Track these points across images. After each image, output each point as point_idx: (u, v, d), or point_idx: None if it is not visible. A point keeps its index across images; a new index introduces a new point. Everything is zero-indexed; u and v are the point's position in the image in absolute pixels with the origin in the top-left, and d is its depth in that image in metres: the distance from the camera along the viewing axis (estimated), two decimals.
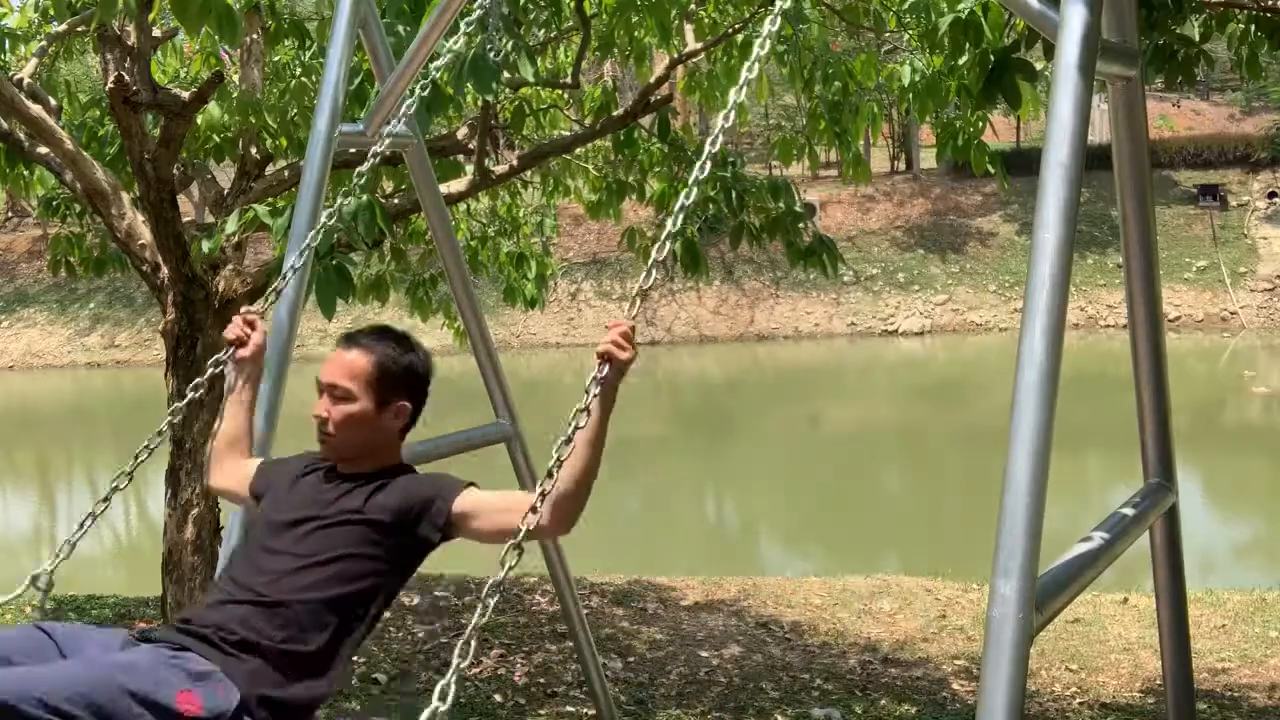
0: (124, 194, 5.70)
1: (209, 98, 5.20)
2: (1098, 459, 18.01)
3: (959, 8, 4.33)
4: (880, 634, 8.01)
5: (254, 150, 6.15)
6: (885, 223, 38.15)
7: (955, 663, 7.33)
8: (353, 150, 4.58)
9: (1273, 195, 36.90)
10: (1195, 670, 4.10)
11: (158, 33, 6.36)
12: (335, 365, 2.67)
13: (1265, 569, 11.59)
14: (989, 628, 2.18)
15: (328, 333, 17.84)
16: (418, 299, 7.92)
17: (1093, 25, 2.53)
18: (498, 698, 6.40)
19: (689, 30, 6.72)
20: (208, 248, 5.15)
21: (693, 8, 6.43)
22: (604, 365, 2.39)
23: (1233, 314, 34.03)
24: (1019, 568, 2.18)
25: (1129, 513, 2.99)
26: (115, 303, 37.58)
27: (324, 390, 2.66)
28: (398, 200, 6.37)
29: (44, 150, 5.81)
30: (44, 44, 6.95)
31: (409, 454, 2.81)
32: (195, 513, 5.90)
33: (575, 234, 35.03)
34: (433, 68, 3.43)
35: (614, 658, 7.16)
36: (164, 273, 5.67)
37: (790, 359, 33.28)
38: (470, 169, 6.46)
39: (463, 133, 6.57)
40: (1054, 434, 2.27)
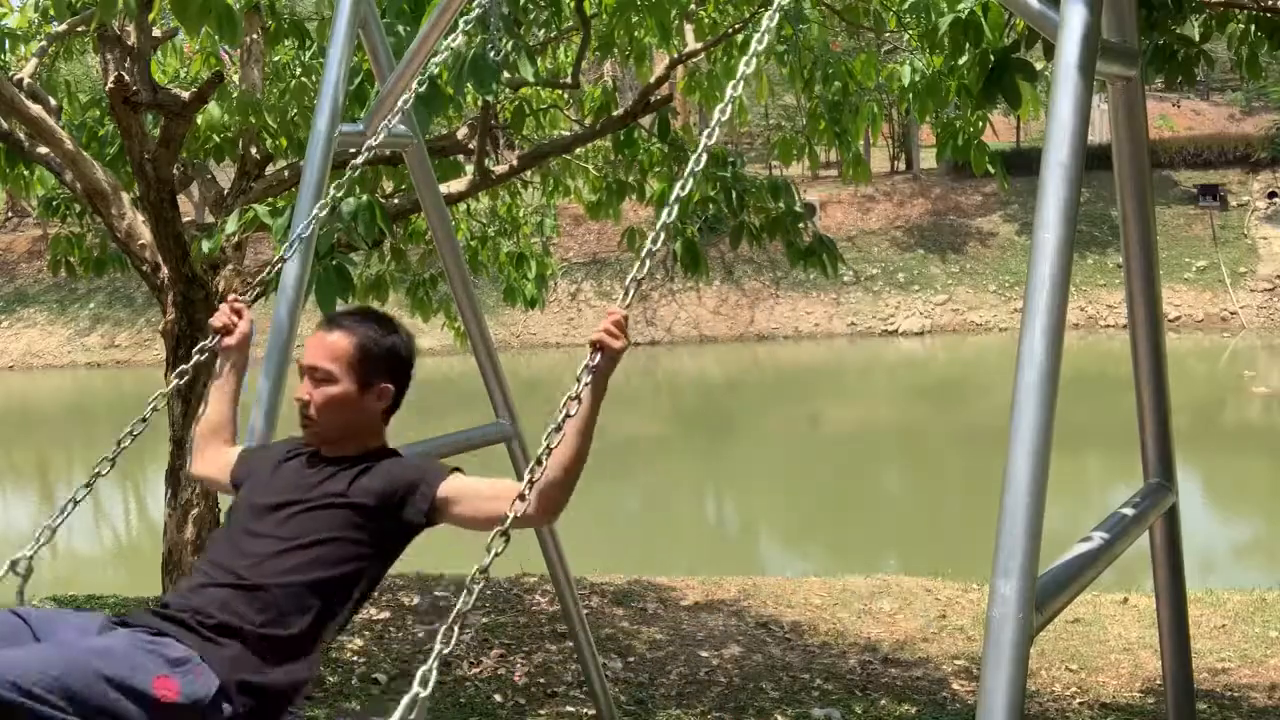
0: (124, 194, 5.70)
1: (209, 98, 5.21)
2: (1098, 459, 18.00)
3: (959, 8, 4.34)
4: (880, 634, 8.00)
5: (254, 150, 6.16)
6: (885, 223, 38.14)
7: (955, 663, 7.33)
8: (352, 150, 4.58)
9: (1273, 195, 36.89)
10: (1195, 670, 4.10)
11: (158, 33, 6.37)
12: (316, 347, 2.62)
13: (1265, 569, 11.58)
14: (989, 628, 2.18)
15: None
16: (418, 299, 7.94)
17: (1093, 25, 2.53)
18: (498, 698, 6.40)
19: (689, 30, 6.72)
20: (208, 248, 5.15)
21: (693, 8, 6.43)
22: (596, 354, 2.36)
23: (1233, 314, 34.02)
24: (1019, 568, 2.18)
25: (1129, 513, 3.00)
26: (115, 303, 37.58)
27: (305, 373, 2.61)
28: (398, 200, 6.38)
29: (44, 150, 5.81)
30: (44, 44, 6.96)
31: (408, 454, 2.80)
32: (195, 513, 5.91)
33: (575, 234, 35.03)
34: (432, 63, 3.43)
35: (614, 658, 7.16)
36: (164, 273, 5.68)
37: (790, 359, 33.27)
38: (470, 169, 6.47)
39: (463, 133, 6.57)
40: (1054, 434, 2.27)
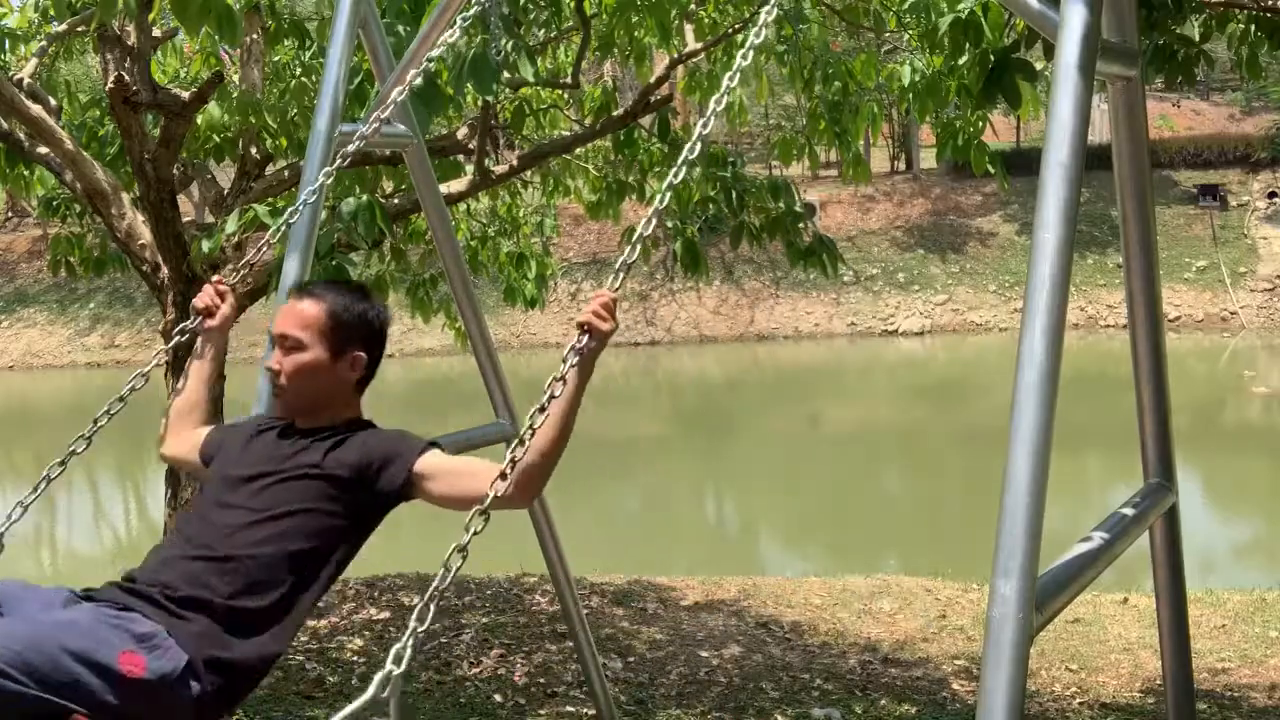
0: (124, 194, 5.70)
1: (209, 98, 5.21)
2: (1098, 459, 18.01)
3: (959, 8, 4.34)
4: (880, 634, 8.00)
5: (254, 150, 6.16)
6: (885, 223, 38.16)
7: (955, 663, 7.32)
8: (354, 153, 4.58)
9: (1273, 195, 36.91)
10: (1195, 670, 4.10)
11: (158, 33, 6.37)
12: (286, 315, 2.58)
13: (1265, 569, 11.58)
14: (989, 628, 2.18)
15: None
16: (418, 299, 7.93)
17: (1093, 25, 2.53)
18: (498, 698, 6.40)
19: (689, 30, 6.73)
20: (208, 248, 5.15)
21: (693, 8, 6.44)
22: (584, 336, 2.31)
23: (1233, 314, 34.04)
24: (1019, 568, 2.18)
25: (1129, 513, 2.99)
26: (115, 303, 37.60)
27: (276, 342, 2.57)
28: (398, 200, 6.38)
29: (44, 150, 5.81)
30: (44, 44, 6.96)
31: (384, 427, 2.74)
32: None
33: (575, 234, 35.04)
34: (427, 57, 3.43)
35: (614, 658, 7.16)
36: (164, 273, 5.68)
37: (790, 359, 33.28)
38: (470, 169, 6.47)
39: (463, 133, 6.57)
40: (1054, 434, 2.27)
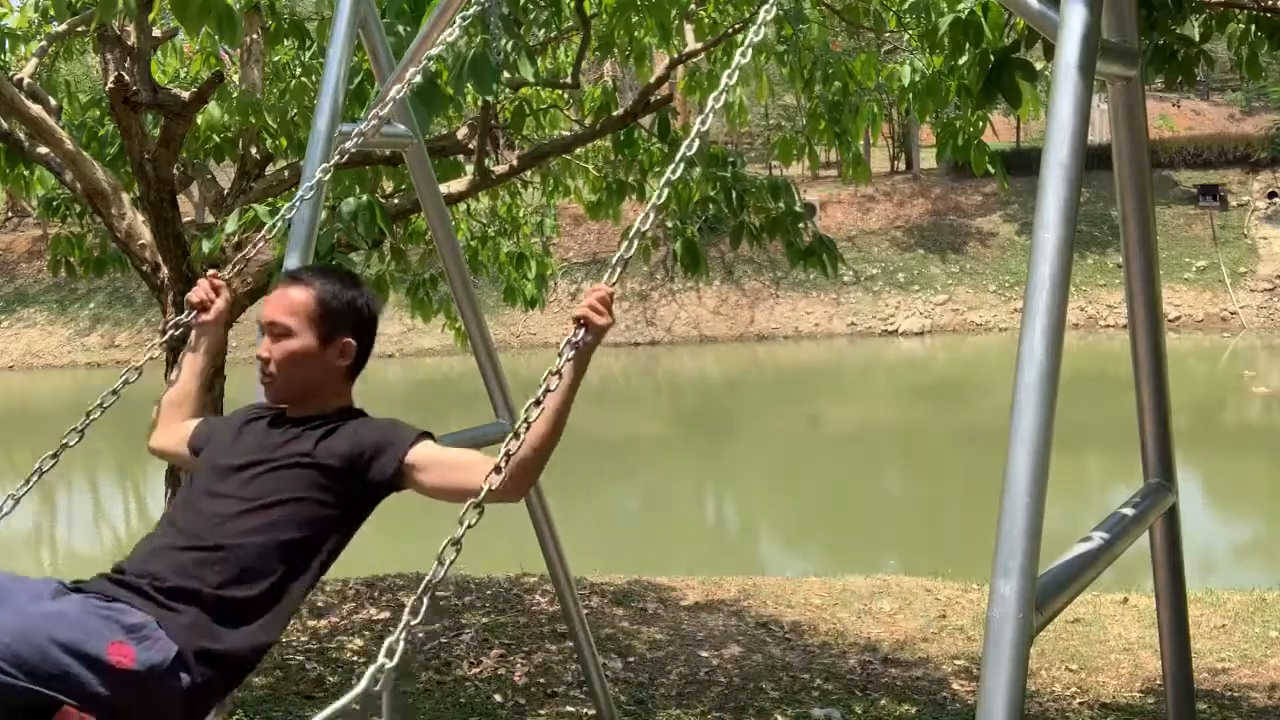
0: (124, 194, 5.70)
1: (209, 98, 5.21)
2: (1098, 459, 18.01)
3: (959, 8, 4.34)
4: (880, 634, 8.00)
5: (254, 150, 6.15)
6: (885, 223, 38.15)
7: (955, 663, 7.33)
8: (353, 150, 4.58)
9: (1273, 195, 36.90)
10: (1195, 670, 4.10)
11: (158, 33, 6.37)
12: (275, 302, 2.56)
13: (1265, 569, 11.58)
14: (989, 628, 2.18)
15: None
16: (418, 299, 7.93)
17: (1093, 25, 2.53)
18: (498, 698, 6.40)
19: (689, 30, 6.72)
20: (208, 248, 5.15)
21: (693, 8, 6.43)
22: (580, 330, 2.29)
23: (1233, 314, 34.03)
24: (1019, 568, 2.18)
25: (1129, 513, 2.99)
26: (115, 303, 37.59)
27: (265, 329, 2.55)
28: (398, 200, 6.38)
29: (44, 150, 5.81)
30: (44, 44, 6.95)
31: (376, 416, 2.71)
32: None
33: (575, 234, 35.02)
34: (427, 56, 3.43)
35: (614, 658, 7.16)
36: (164, 273, 5.67)
37: (790, 359, 33.27)
38: (470, 169, 6.47)
39: (463, 133, 6.57)
40: (1054, 434, 2.27)
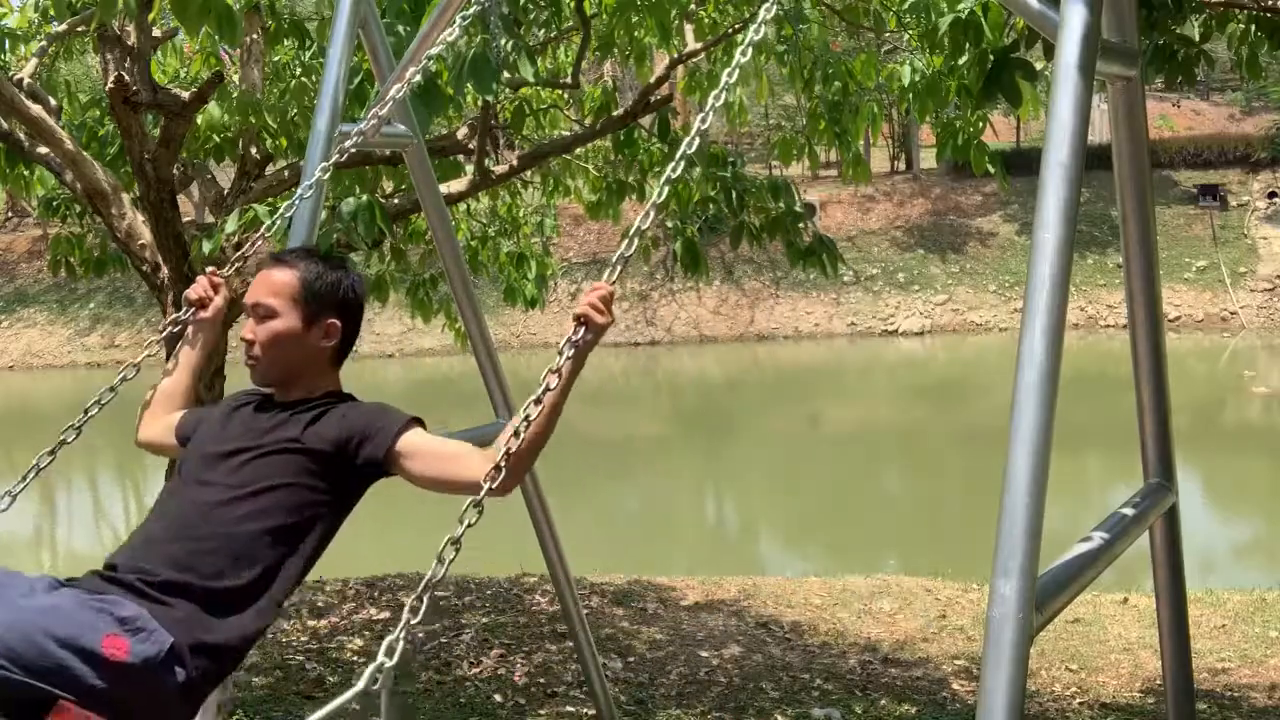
0: (124, 194, 5.69)
1: (209, 98, 5.20)
2: (1098, 459, 18.00)
3: (959, 8, 4.34)
4: (880, 634, 8.00)
5: (254, 150, 6.15)
6: (885, 223, 38.15)
7: (955, 663, 7.33)
8: (353, 150, 4.58)
9: (1273, 195, 36.90)
10: (1195, 670, 4.10)
11: (158, 33, 6.36)
12: (259, 283, 2.55)
13: (1265, 569, 11.58)
14: (989, 628, 2.18)
15: None
16: (418, 299, 7.93)
17: (1093, 25, 2.53)
18: (498, 698, 6.40)
19: (689, 30, 6.72)
20: (208, 248, 5.15)
21: (693, 8, 6.43)
22: (580, 328, 2.30)
23: (1233, 314, 34.04)
24: (1019, 568, 2.18)
25: (1129, 513, 2.99)
26: (115, 303, 37.59)
27: (249, 311, 2.54)
28: (398, 200, 6.38)
29: (44, 150, 5.80)
30: (44, 44, 6.95)
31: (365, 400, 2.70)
32: None
33: (575, 234, 35.03)
34: (426, 55, 3.43)
35: (614, 658, 7.16)
36: (164, 273, 5.67)
37: (790, 359, 33.27)
38: (470, 169, 6.47)
39: (463, 133, 6.57)
40: (1054, 434, 2.27)
